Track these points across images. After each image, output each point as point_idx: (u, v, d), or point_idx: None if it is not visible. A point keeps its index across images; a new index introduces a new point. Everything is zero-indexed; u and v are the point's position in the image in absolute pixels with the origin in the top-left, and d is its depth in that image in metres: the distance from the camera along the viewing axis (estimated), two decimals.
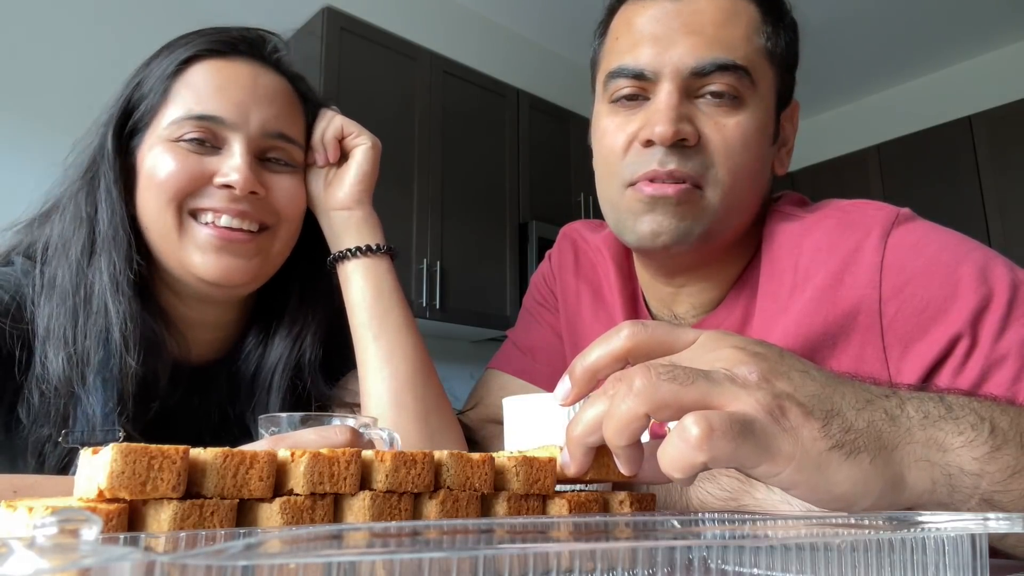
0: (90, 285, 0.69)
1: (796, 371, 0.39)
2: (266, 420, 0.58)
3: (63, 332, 0.67)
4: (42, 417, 0.67)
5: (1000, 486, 0.39)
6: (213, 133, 0.71)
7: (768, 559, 0.32)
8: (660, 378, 0.36)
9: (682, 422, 0.35)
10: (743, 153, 0.68)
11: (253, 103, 0.72)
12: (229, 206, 0.70)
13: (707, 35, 0.68)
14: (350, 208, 0.78)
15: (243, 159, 0.70)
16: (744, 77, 0.68)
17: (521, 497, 0.41)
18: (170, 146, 0.70)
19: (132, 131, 0.73)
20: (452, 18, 3.21)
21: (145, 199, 0.71)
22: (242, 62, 0.74)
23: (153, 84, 0.73)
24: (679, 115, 0.67)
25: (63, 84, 2.32)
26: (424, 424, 0.71)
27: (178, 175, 0.70)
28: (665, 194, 0.68)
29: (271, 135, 0.73)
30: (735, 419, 0.35)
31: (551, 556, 0.29)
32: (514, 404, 0.58)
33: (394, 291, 0.77)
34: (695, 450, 0.34)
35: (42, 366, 0.67)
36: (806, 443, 0.36)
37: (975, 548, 0.33)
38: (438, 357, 3.08)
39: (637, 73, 0.69)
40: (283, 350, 0.79)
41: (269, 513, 0.34)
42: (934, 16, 3.37)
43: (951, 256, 0.61)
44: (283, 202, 0.74)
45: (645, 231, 0.70)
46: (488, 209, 2.99)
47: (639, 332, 0.41)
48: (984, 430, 0.40)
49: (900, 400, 0.40)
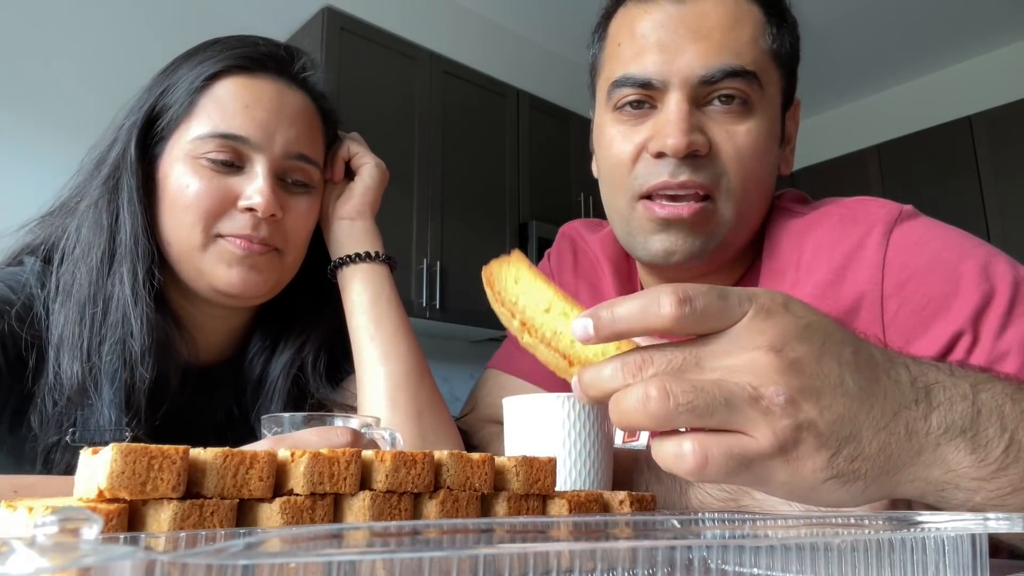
0: (108, 293, 0.69)
1: (829, 385, 0.36)
2: (268, 420, 0.58)
3: (79, 341, 0.67)
4: (53, 424, 0.66)
5: (996, 501, 0.39)
6: (237, 152, 0.72)
7: (768, 559, 0.32)
8: (678, 410, 0.34)
9: (681, 443, 0.35)
10: (754, 160, 0.68)
11: (278, 123, 0.74)
12: (252, 233, 0.72)
13: (714, 41, 0.67)
14: (353, 219, 0.81)
15: (266, 182, 0.72)
16: (753, 82, 0.67)
17: (521, 497, 0.41)
18: (195, 164, 0.71)
19: (155, 139, 0.73)
20: (452, 18, 3.20)
21: (170, 216, 0.72)
22: (269, 79, 0.75)
23: (179, 95, 0.73)
24: (691, 126, 0.66)
25: (68, 86, 2.32)
26: (417, 423, 0.72)
27: (205, 197, 0.71)
28: (680, 216, 0.67)
29: (292, 156, 0.75)
30: (733, 455, 0.35)
31: (551, 556, 0.29)
32: (514, 404, 0.58)
33: (391, 297, 0.78)
34: (685, 473, 0.35)
35: (55, 374, 0.66)
36: (804, 474, 0.36)
37: (975, 548, 0.33)
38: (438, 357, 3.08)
39: (644, 82, 0.68)
40: (288, 358, 0.81)
41: (269, 513, 0.34)
42: (934, 16, 3.37)
43: (953, 253, 0.61)
44: (295, 226, 0.77)
45: (658, 250, 0.69)
46: (488, 209, 2.99)
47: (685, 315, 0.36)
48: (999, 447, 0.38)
49: (928, 407, 0.38)
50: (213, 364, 0.81)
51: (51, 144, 2.23)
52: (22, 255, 0.74)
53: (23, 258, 0.74)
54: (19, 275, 0.71)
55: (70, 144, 0.78)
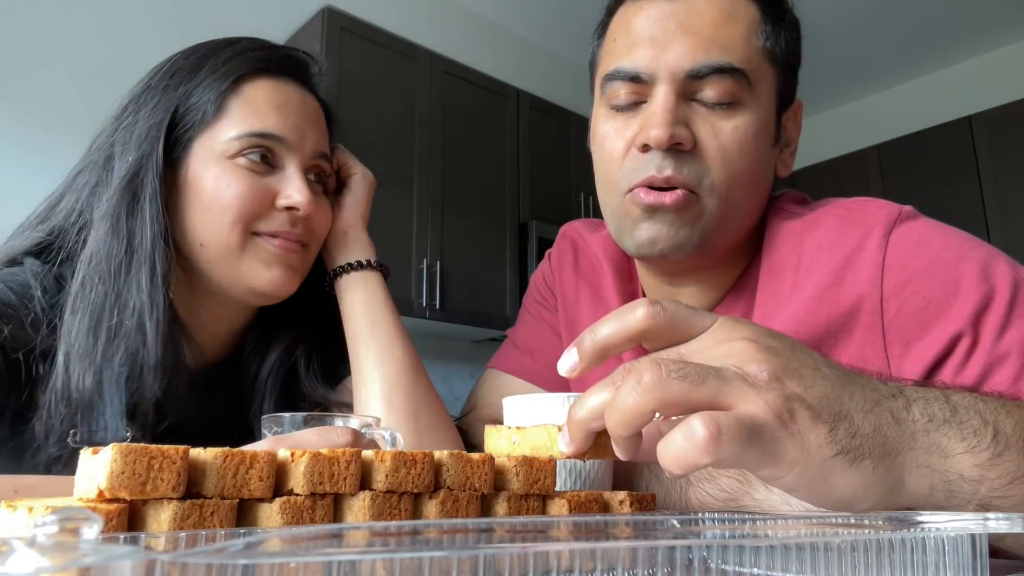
0: (124, 301, 0.67)
1: (808, 368, 0.39)
2: (269, 420, 0.58)
3: (91, 351, 0.66)
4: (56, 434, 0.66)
5: (999, 492, 0.39)
6: (272, 151, 0.73)
7: (768, 559, 0.32)
8: (671, 375, 0.36)
9: (689, 422, 0.34)
10: (740, 158, 0.68)
11: (305, 124, 0.76)
12: (290, 230, 0.74)
13: (704, 36, 0.67)
14: (345, 231, 0.83)
15: (303, 181, 0.74)
16: (741, 80, 0.67)
17: (521, 497, 0.41)
18: (230, 165, 0.71)
19: (175, 142, 0.73)
20: (452, 18, 3.21)
21: (203, 218, 0.72)
22: (293, 83, 0.77)
23: (206, 96, 0.72)
24: (675, 118, 0.66)
25: (67, 85, 2.32)
26: (414, 422, 0.72)
27: (245, 198, 0.71)
28: (662, 203, 0.67)
29: (318, 155, 0.77)
30: (743, 423, 0.34)
31: (551, 556, 0.29)
32: (514, 404, 0.58)
33: (384, 302, 0.79)
34: (700, 452, 0.33)
35: (64, 382, 0.65)
36: (811, 449, 0.36)
37: (975, 548, 0.33)
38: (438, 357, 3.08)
39: (633, 75, 0.69)
40: (277, 357, 0.82)
41: (269, 513, 0.34)
42: (934, 16, 3.37)
43: (953, 254, 0.61)
44: (321, 224, 0.79)
45: (643, 239, 0.70)
46: (488, 209, 2.99)
47: (656, 313, 0.40)
48: (987, 435, 0.40)
49: (907, 401, 0.40)
50: (211, 365, 0.81)
51: (50, 144, 2.23)
52: (21, 255, 0.74)
53: (22, 259, 0.73)
54: (18, 275, 0.70)
55: (68, 144, 0.78)
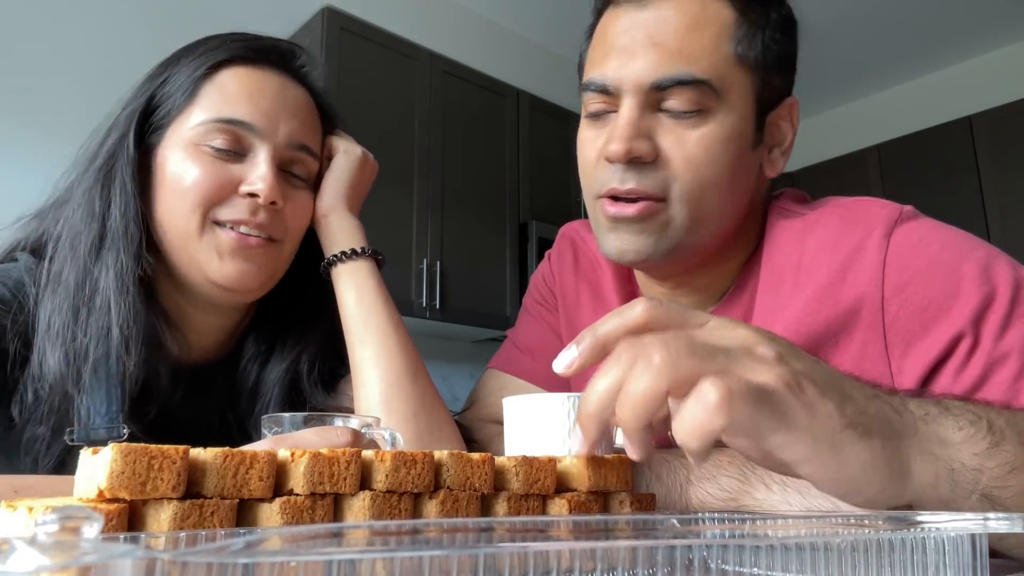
0: (95, 281, 0.68)
1: (807, 359, 0.40)
2: (269, 420, 0.58)
3: (63, 328, 0.66)
4: (36, 415, 0.66)
5: (999, 482, 0.40)
6: (239, 139, 0.71)
7: (768, 559, 0.32)
8: (680, 353, 0.36)
9: (699, 387, 0.34)
10: (710, 166, 0.67)
11: (280, 113, 0.73)
12: (250, 218, 0.71)
13: (669, 47, 0.66)
14: (326, 215, 0.79)
15: (269, 168, 0.71)
16: (707, 89, 0.66)
17: (521, 497, 0.41)
18: (196, 151, 0.70)
19: (152, 128, 0.73)
20: (452, 18, 3.20)
21: (167, 202, 0.71)
22: (272, 72, 0.75)
23: (180, 83, 0.72)
24: (635, 132, 0.66)
25: (65, 85, 2.32)
26: (413, 423, 0.71)
27: (206, 183, 0.70)
28: (625, 215, 0.68)
29: (295, 146, 0.75)
30: (753, 385, 0.35)
31: (551, 555, 0.29)
32: (514, 404, 0.58)
33: (376, 294, 0.76)
34: (713, 414, 0.33)
35: (39, 363, 0.66)
36: (822, 418, 0.37)
37: (975, 548, 0.33)
38: (438, 357, 3.07)
39: (602, 87, 0.69)
40: (285, 366, 0.79)
41: (269, 513, 0.34)
42: (934, 16, 3.37)
43: (953, 254, 0.61)
44: (294, 218, 0.76)
45: (611, 248, 0.70)
46: (488, 209, 2.99)
47: (656, 308, 0.41)
48: (982, 427, 0.41)
49: (902, 398, 0.42)
50: (206, 363, 0.80)
51: (47, 143, 2.22)
52: (15, 251, 0.74)
53: (16, 254, 0.73)
54: (12, 271, 0.71)
55: (66, 143, 0.78)
